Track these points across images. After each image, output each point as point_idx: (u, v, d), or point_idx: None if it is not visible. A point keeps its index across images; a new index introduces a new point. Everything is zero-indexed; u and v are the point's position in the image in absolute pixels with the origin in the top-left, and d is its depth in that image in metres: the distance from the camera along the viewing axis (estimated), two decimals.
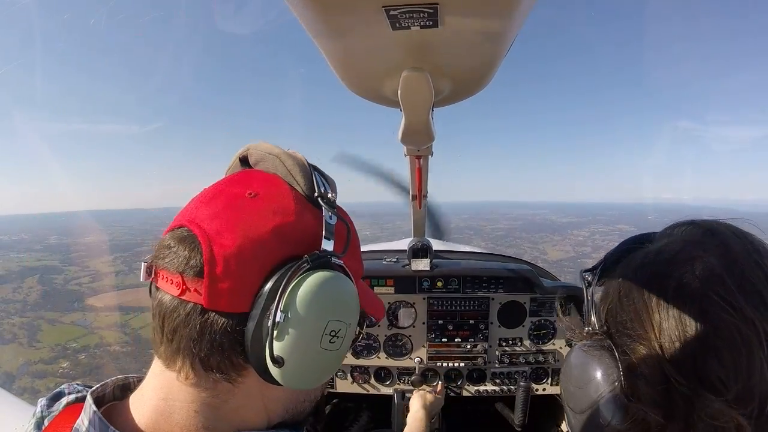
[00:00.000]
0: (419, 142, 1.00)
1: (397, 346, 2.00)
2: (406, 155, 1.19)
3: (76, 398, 0.60)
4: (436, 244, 2.12)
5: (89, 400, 0.55)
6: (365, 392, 2.02)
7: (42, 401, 0.60)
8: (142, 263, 0.56)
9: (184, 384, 0.54)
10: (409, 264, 1.94)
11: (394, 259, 2.06)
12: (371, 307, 0.70)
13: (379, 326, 1.99)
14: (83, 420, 0.54)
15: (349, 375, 2.02)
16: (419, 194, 1.51)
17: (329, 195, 0.60)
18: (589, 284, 0.74)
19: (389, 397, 1.96)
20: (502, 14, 0.50)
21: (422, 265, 1.92)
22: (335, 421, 2.11)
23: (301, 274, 0.52)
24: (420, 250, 1.93)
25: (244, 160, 0.66)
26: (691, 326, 0.54)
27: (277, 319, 0.50)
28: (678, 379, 0.54)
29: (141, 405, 0.56)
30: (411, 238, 1.98)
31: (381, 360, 1.99)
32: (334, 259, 0.57)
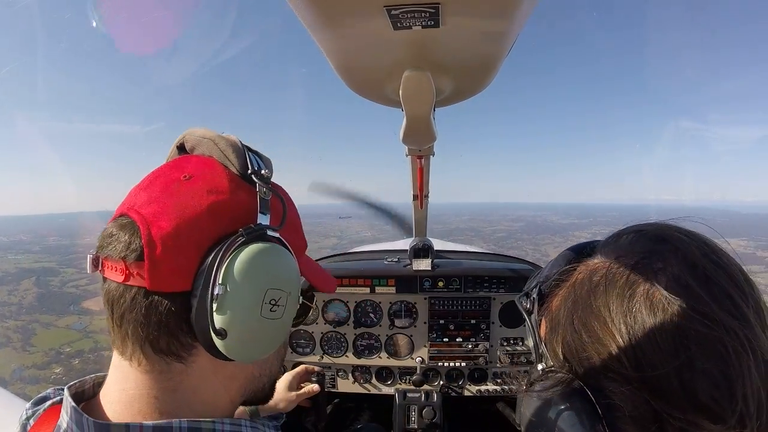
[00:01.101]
0: (421, 142, 1.00)
1: (398, 346, 2.01)
2: (407, 155, 1.19)
3: (61, 399, 0.60)
4: (438, 244, 2.12)
5: (66, 393, 0.56)
6: (366, 392, 2.02)
7: (27, 405, 0.62)
8: (88, 255, 0.57)
9: (138, 371, 0.55)
10: (411, 264, 1.94)
11: (396, 259, 2.06)
12: (316, 279, 0.72)
13: (380, 326, 1.99)
14: (63, 416, 0.55)
15: (350, 375, 2.02)
16: (420, 194, 1.51)
17: (263, 172, 0.61)
18: (530, 312, 0.67)
19: (391, 397, 1.96)
20: (504, 14, 0.50)
21: (423, 264, 1.92)
22: (336, 420, 2.11)
23: (236, 248, 0.54)
24: (421, 250, 1.93)
25: (181, 148, 0.67)
26: (673, 351, 0.47)
27: (216, 291, 0.52)
28: (672, 413, 0.47)
29: (107, 399, 0.57)
30: (412, 238, 1.98)
31: (382, 360, 2.00)
32: (269, 232, 0.58)
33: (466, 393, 1.99)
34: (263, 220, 0.59)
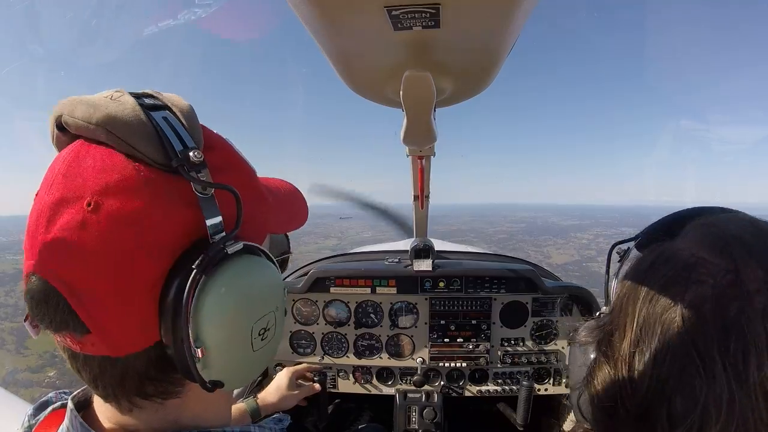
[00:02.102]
0: (421, 143, 1.00)
1: (398, 346, 2.01)
2: (408, 155, 1.20)
3: (62, 404, 0.59)
4: (438, 245, 2.12)
5: (70, 404, 0.53)
6: (367, 392, 2.02)
7: (29, 410, 0.59)
8: (24, 323, 0.47)
9: (131, 416, 0.50)
10: (411, 264, 1.94)
11: (396, 260, 2.06)
12: (284, 223, 0.62)
13: (381, 327, 1.99)
14: (65, 425, 0.53)
15: (351, 375, 2.02)
16: (421, 195, 1.51)
17: (191, 155, 0.44)
18: (621, 259, 0.65)
19: (391, 398, 1.96)
20: (504, 14, 0.50)
21: (424, 265, 1.92)
22: (337, 421, 2.11)
23: (198, 290, 0.43)
24: (422, 251, 1.93)
25: (63, 128, 0.47)
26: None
27: (195, 354, 0.44)
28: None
29: (106, 417, 0.53)
30: (413, 239, 1.98)
31: (383, 360, 2.00)
32: (229, 248, 0.46)
33: (467, 393, 1.99)
34: (213, 226, 0.46)
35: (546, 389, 1.98)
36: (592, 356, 0.58)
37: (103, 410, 0.53)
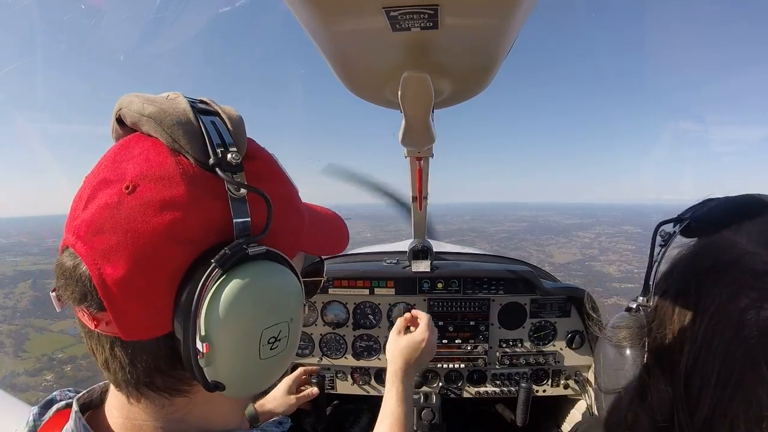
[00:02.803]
0: (420, 144, 1.00)
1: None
2: (406, 157, 1.19)
3: (66, 404, 0.58)
4: (437, 246, 2.12)
5: (75, 406, 0.53)
6: (366, 393, 2.02)
7: (34, 410, 0.59)
8: (51, 293, 0.49)
9: (138, 407, 0.50)
10: (410, 265, 1.94)
11: (395, 261, 2.06)
12: (324, 245, 0.63)
13: (379, 328, 1.99)
14: (69, 427, 0.52)
15: (349, 376, 2.01)
16: (419, 196, 1.51)
17: (229, 157, 0.47)
18: (664, 243, 0.55)
19: None
20: (502, 15, 0.50)
21: (423, 266, 1.92)
22: (336, 422, 2.11)
23: (213, 287, 0.44)
24: (420, 252, 1.93)
25: (122, 122, 0.52)
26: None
27: (199, 348, 0.44)
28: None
29: (113, 420, 0.53)
30: (411, 240, 1.98)
31: (382, 361, 1.99)
32: (251, 249, 0.47)
33: (465, 394, 1.99)
34: (240, 226, 0.47)
35: (544, 390, 1.98)
36: (638, 362, 0.52)
37: (113, 410, 0.53)
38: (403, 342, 1.28)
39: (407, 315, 1.42)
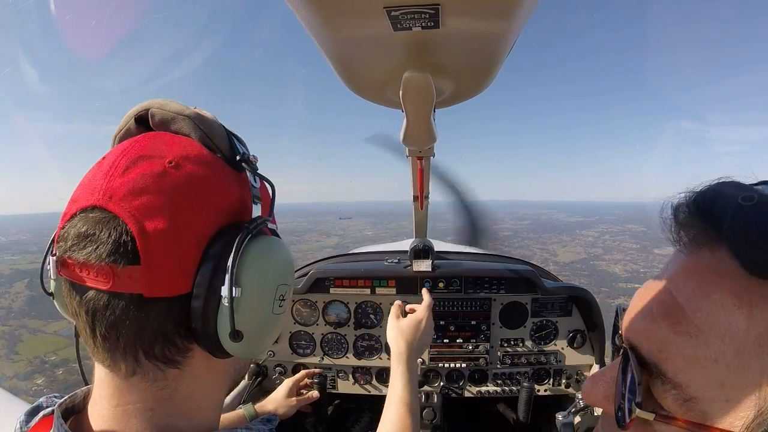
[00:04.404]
0: (421, 143, 1.00)
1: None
2: (407, 156, 1.19)
3: (52, 411, 0.58)
4: (438, 245, 2.12)
5: (57, 413, 0.53)
6: (367, 393, 2.02)
7: (21, 417, 0.59)
8: (50, 257, 0.51)
9: (131, 383, 0.52)
10: (411, 265, 1.94)
11: (396, 260, 2.06)
12: None
13: (381, 327, 1.99)
14: None
15: (350, 376, 2.02)
16: (421, 195, 1.50)
17: (250, 157, 0.58)
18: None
19: None
20: (504, 15, 0.50)
21: (424, 266, 1.92)
22: (337, 421, 2.11)
23: (244, 244, 0.52)
24: (421, 251, 1.93)
25: (141, 121, 0.58)
26: None
27: (234, 294, 0.50)
28: None
29: (98, 416, 0.53)
30: (413, 239, 1.98)
31: (383, 361, 1.99)
32: (268, 225, 0.59)
33: (467, 394, 1.99)
34: (256, 210, 0.58)
35: (546, 390, 1.98)
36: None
37: (102, 400, 0.53)
38: (404, 323, 1.35)
39: (398, 302, 1.47)
